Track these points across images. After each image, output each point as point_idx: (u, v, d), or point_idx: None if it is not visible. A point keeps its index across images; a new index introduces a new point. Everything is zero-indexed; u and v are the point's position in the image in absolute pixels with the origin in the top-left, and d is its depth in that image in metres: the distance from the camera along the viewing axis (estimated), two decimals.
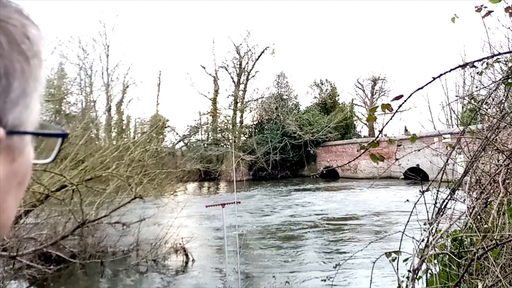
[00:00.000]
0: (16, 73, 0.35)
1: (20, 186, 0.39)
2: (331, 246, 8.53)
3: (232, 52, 33.42)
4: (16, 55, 0.35)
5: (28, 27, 0.37)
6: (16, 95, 0.35)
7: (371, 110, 1.97)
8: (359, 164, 25.65)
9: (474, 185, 2.75)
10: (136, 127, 24.35)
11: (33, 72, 0.37)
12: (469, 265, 1.78)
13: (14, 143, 0.36)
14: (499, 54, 2.13)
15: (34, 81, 0.37)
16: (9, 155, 0.35)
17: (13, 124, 0.35)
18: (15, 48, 0.35)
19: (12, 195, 0.37)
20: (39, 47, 0.38)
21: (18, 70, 0.35)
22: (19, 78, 0.35)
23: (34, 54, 0.37)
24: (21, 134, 0.36)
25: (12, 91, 0.34)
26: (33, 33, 0.37)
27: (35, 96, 0.38)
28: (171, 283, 6.76)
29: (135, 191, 8.22)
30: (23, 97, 0.36)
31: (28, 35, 0.37)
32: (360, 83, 37.38)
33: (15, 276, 6.26)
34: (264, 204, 15.78)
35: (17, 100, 0.35)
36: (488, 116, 2.84)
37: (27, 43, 0.36)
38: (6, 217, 0.37)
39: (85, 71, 27.00)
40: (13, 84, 0.34)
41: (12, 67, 0.34)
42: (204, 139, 32.18)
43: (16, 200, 0.39)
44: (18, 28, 0.36)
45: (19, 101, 0.35)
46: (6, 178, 0.36)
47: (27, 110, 0.36)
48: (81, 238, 7.51)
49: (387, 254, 2.25)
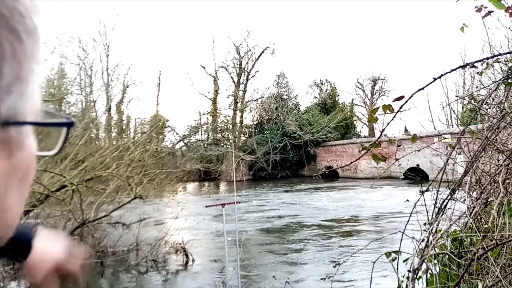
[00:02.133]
0: (6, 56, 0.30)
1: (22, 182, 0.35)
2: (331, 246, 8.53)
3: (232, 52, 33.46)
4: (6, 34, 0.30)
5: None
6: (8, 82, 0.30)
7: (372, 111, 1.97)
8: (359, 164, 25.65)
9: (474, 185, 2.75)
10: (136, 127, 24.34)
11: (28, 51, 0.32)
12: (469, 265, 1.78)
13: (10, 136, 0.32)
14: (499, 55, 2.13)
15: (30, 62, 0.32)
16: (6, 149, 0.32)
17: (8, 114, 0.30)
18: (3, 25, 0.29)
19: (13, 192, 0.34)
20: (33, 21, 0.32)
21: (8, 52, 0.30)
22: (10, 62, 0.30)
23: (28, 30, 0.32)
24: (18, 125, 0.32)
25: (3, 77, 0.30)
26: (25, 5, 0.32)
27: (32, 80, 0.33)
28: (171, 283, 6.76)
29: (135, 191, 8.22)
30: (17, 82, 0.31)
31: (20, 9, 0.31)
32: (360, 83, 37.43)
33: (15, 276, 6.26)
34: (264, 204, 15.78)
35: (10, 87, 0.30)
36: (488, 116, 2.84)
37: (18, 17, 0.31)
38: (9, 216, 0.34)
39: (85, 71, 27.01)
40: (4, 69, 0.30)
41: (1, 49, 0.29)
42: (204, 139, 32.18)
43: (20, 198, 0.35)
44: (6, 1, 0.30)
45: (12, 88, 0.30)
46: (5, 175, 0.32)
47: (23, 97, 0.32)
48: (81, 238, 7.50)
49: (387, 254, 2.25)
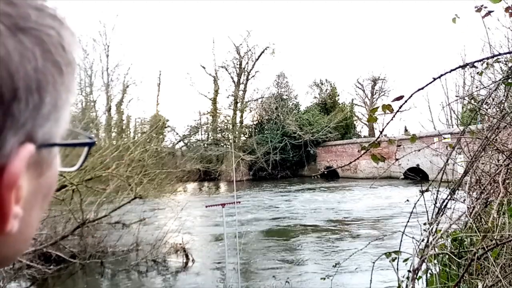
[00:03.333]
0: (48, 87, 0.32)
1: (45, 199, 0.37)
2: (331, 246, 8.53)
3: (232, 52, 33.45)
4: (50, 67, 0.32)
5: (63, 34, 0.34)
6: (47, 110, 0.32)
7: (372, 111, 1.97)
8: (359, 164, 25.65)
9: (474, 185, 2.75)
10: (136, 127, 24.37)
11: (66, 82, 0.34)
12: (469, 265, 1.78)
13: (42, 157, 0.34)
14: (499, 55, 2.13)
15: (66, 92, 0.34)
16: (37, 170, 0.34)
17: (43, 139, 0.33)
18: (49, 59, 0.32)
19: (37, 209, 0.36)
20: (73, 54, 0.35)
21: (50, 83, 0.32)
22: (51, 92, 0.32)
23: (68, 63, 0.34)
24: (50, 147, 0.34)
25: (43, 106, 0.32)
26: (67, 40, 0.34)
27: (66, 107, 0.35)
28: (171, 283, 6.76)
29: (135, 191, 8.22)
30: (55, 111, 0.33)
31: (63, 44, 0.33)
32: (360, 83, 37.42)
33: (15, 276, 6.26)
34: (264, 204, 15.78)
35: (49, 115, 0.32)
36: (488, 116, 2.84)
37: (61, 52, 0.33)
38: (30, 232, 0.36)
39: (85, 71, 26.96)
40: (45, 99, 0.32)
41: (45, 81, 0.31)
42: (204, 139, 32.18)
43: (40, 213, 0.37)
44: (53, 36, 0.33)
45: (50, 116, 0.33)
46: (33, 193, 0.34)
47: (58, 124, 0.34)
48: (81, 238, 7.51)
49: (387, 254, 2.25)
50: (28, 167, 0.32)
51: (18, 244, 0.35)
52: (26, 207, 0.33)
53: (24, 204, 0.33)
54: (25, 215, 0.33)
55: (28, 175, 0.33)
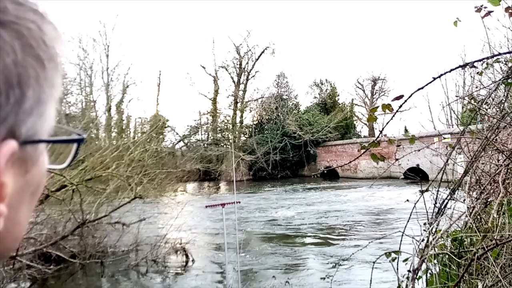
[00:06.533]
0: (30, 81, 0.31)
1: (33, 196, 0.37)
2: (331, 246, 8.53)
3: (232, 52, 33.48)
4: (31, 61, 0.32)
5: (44, 28, 0.33)
6: (30, 105, 0.32)
7: (372, 110, 1.97)
8: (359, 164, 25.65)
9: (474, 185, 2.75)
10: (136, 127, 24.38)
11: (49, 77, 0.34)
12: (469, 265, 1.78)
13: (27, 153, 0.33)
14: (499, 54, 2.13)
15: (50, 87, 0.34)
16: (22, 166, 0.33)
17: (27, 135, 0.32)
18: (29, 53, 0.32)
19: (25, 207, 0.35)
20: (55, 49, 0.34)
21: (32, 77, 0.32)
22: (33, 86, 0.32)
23: (50, 57, 0.34)
24: (34, 144, 0.34)
25: (25, 101, 0.31)
26: (49, 34, 0.34)
27: (50, 103, 0.35)
28: (171, 283, 6.76)
29: (135, 191, 8.21)
30: (38, 106, 0.33)
31: (44, 38, 0.33)
32: (360, 83, 37.45)
33: (15, 276, 6.25)
34: (264, 204, 15.78)
35: (31, 110, 0.32)
36: (488, 116, 2.84)
37: (43, 46, 0.33)
38: (18, 230, 0.35)
39: (85, 71, 27.02)
40: (27, 93, 0.31)
41: (26, 75, 0.31)
42: (204, 139, 32.19)
43: (29, 211, 0.37)
44: (34, 31, 0.32)
45: (33, 110, 0.32)
46: (20, 191, 0.34)
47: (42, 119, 0.34)
48: (81, 238, 7.50)
49: (387, 254, 2.25)
50: (13, 164, 0.32)
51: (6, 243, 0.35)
52: (12, 204, 0.33)
53: (10, 201, 0.32)
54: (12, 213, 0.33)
55: (12, 172, 0.32)
